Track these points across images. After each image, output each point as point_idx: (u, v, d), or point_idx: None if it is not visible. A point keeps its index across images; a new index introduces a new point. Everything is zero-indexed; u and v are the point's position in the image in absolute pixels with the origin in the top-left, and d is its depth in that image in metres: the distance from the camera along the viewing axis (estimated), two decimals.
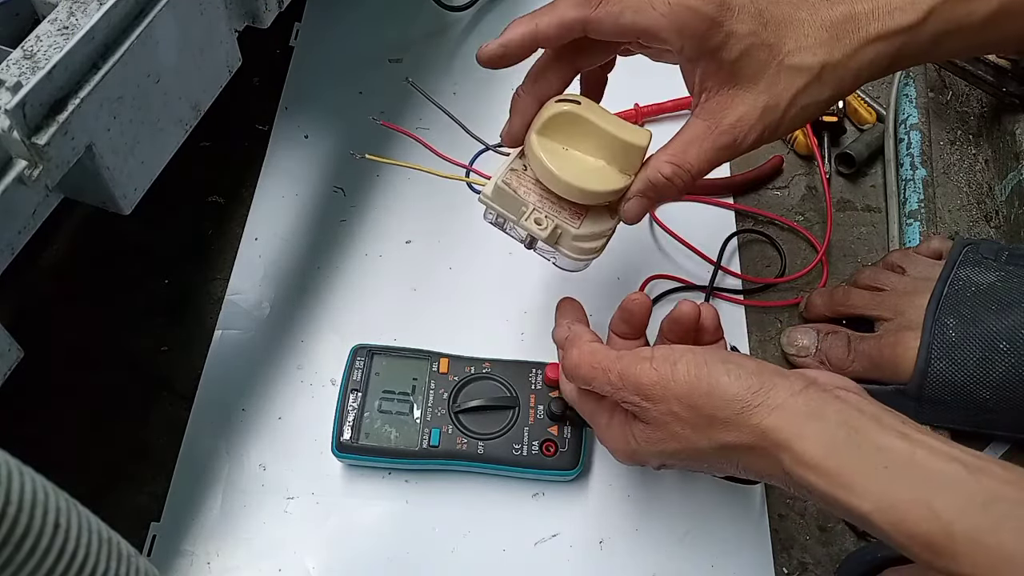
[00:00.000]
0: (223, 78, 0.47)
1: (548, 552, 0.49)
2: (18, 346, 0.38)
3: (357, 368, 0.51)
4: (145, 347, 0.55)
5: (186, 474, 0.51)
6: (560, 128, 0.44)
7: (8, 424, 0.49)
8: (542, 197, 0.45)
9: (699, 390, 0.37)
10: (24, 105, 0.34)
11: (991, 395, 0.48)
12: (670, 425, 0.39)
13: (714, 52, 0.40)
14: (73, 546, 0.24)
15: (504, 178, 0.45)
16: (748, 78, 0.41)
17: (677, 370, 0.38)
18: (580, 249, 0.46)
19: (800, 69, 0.40)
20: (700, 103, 0.42)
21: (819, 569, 0.50)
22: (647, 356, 0.39)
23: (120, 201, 0.41)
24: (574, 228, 0.45)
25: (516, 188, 0.45)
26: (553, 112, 0.44)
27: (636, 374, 0.39)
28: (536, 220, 0.44)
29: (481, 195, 0.46)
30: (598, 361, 0.41)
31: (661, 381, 0.38)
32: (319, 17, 0.71)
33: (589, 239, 0.45)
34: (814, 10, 0.41)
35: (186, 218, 0.61)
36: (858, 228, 0.64)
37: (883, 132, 0.67)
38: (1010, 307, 0.48)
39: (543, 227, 0.44)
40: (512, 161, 0.46)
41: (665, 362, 0.38)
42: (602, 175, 0.44)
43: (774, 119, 0.41)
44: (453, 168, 0.55)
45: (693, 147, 0.42)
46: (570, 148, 0.44)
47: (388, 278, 0.59)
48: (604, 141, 0.44)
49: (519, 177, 0.45)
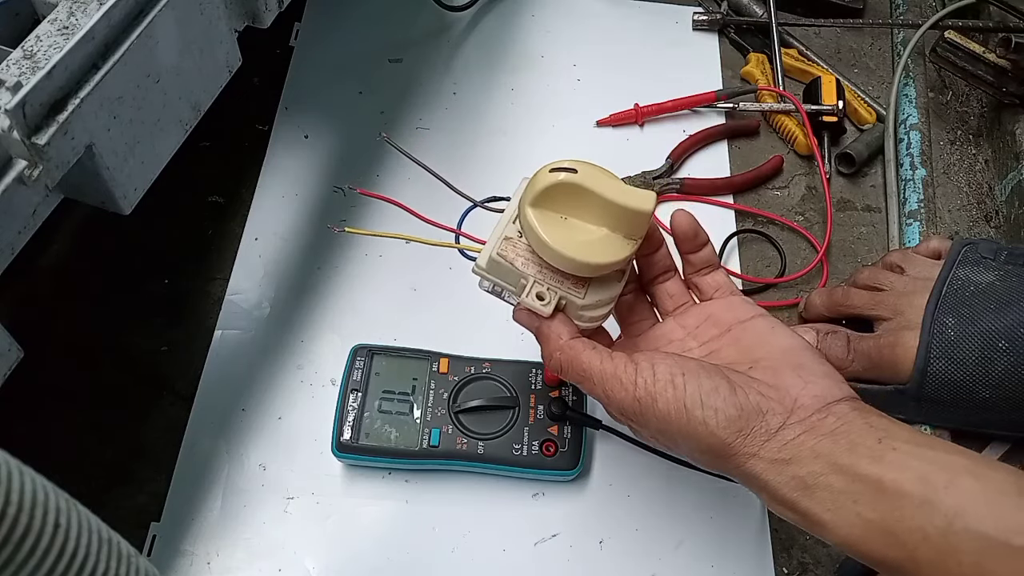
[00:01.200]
0: (223, 78, 0.47)
1: (548, 552, 0.49)
2: (18, 346, 0.38)
3: (357, 368, 0.51)
4: (145, 347, 0.55)
5: (186, 474, 0.51)
6: (556, 198, 0.41)
7: (8, 424, 0.49)
8: (542, 267, 0.42)
9: (680, 430, 0.38)
10: (24, 105, 0.34)
11: (991, 394, 0.48)
12: (655, 437, 0.41)
13: None
14: (73, 546, 0.24)
15: (499, 249, 0.42)
16: None
17: (657, 407, 0.38)
18: (586, 318, 0.43)
19: None
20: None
21: (819, 569, 0.50)
22: (631, 380, 0.39)
23: (120, 201, 0.41)
24: (579, 299, 0.42)
25: (513, 260, 0.42)
26: (548, 184, 0.40)
27: (619, 399, 0.39)
28: (539, 295, 0.41)
29: (475, 267, 0.43)
30: (582, 368, 0.41)
31: (642, 411, 0.39)
32: (319, 17, 0.71)
33: (596, 307, 0.43)
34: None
35: (186, 218, 0.61)
36: (858, 228, 0.65)
37: (883, 132, 0.67)
38: (1009, 306, 0.48)
39: (546, 302, 0.41)
40: (505, 227, 0.42)
41: (646, 394, 0.38)
42: (605, 245, 0.41)
43: None
44: (441, 233, 0.53)
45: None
46: (569, 217, 0.41)
47: (388, 278, 0.59)
48: (607, 210, 0.41)
49: (515, 246, 0.42)
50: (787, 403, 0.37)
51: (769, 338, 0.42)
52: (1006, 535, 0.32)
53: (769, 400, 0.37)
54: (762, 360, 0.40)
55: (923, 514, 0.33)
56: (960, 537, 0.32)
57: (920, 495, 0.33)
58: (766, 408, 0.37)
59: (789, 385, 0.38)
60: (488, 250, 0.42)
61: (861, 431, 0.36)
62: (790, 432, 0.36)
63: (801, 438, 0.36)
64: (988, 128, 0.70)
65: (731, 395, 0.37)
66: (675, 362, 0.39)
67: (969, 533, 0.32)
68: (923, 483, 0.34)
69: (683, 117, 0.68)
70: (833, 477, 0.35)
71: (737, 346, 0.42)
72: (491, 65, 0.70)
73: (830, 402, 0.37)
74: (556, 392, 0.51)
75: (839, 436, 0.36)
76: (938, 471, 0.34)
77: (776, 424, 0.37)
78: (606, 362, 0.40)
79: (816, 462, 0.35)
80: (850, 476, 0.35)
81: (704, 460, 0.39)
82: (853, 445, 0.35)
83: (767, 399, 0.37)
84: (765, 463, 0.36)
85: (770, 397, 0.37)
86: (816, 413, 0.37)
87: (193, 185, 0.62)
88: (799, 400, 0.37)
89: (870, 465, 0.35)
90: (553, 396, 0.51)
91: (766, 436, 0.37)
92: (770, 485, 0.36)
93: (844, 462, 0.35)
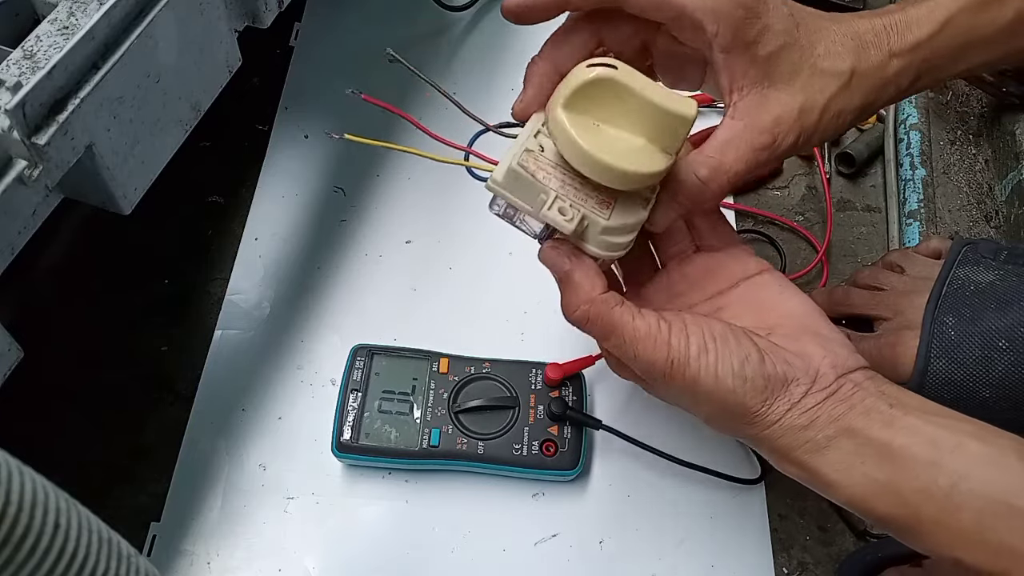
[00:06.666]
0: (223, 78, 0.47)
1: (548, 552, 0.49)
2: (18, 346, 0.38)
3: (357, 368, 0.51)
4: (145, 347, 0.55)
5: (186, 474, 0.51)
6: (592, 99, 0.36)
7: (8, 424, 0.49)
8: (564, 183, 0.38)
9: (707, 395, 0.38)
10: (24, 105, 0.34)
11: (991, 394, 0.48)
12: (669, 397, 0.41)
13: (749, 45, 0.39)
14: (73, 546, 0.24)
15: (520, 160, 0.37)
16: (783, 77, 0.39)
17: (688, 371, 0.38)
18: (609, 244, 0.39)
19: (832, 74, 0.40)
20: (733, 102, 0.40)
21: (819, 569, 0.50)
22: (665, 342, 0.38)
23: (120, 201, 0.41)
24: (603, 219, 0.38)
25: (535, 172, 0.37)
26: (585, 79, 0.36)
27: (651, 360, 0.38)
28: (560, 210, 0.37)
29: (490, 181, 0.38)
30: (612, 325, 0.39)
31: (672, 374, 0.38)
32: (319, 17, 0.71)
33: (619, 232, 0.39)
34: (837, 21, 0.41)
35: (186, 218, 0.61)
36: (858, 228, 0.65)
37: (883, 132, 0.67)
38: (1009, 305, 0.48)
39: (569, 218, 0.37)
40: (526, 140, 0.38)
41: (680, 357, 0.38)
42: (643, 155, 0.37)
43: (811, 122, 0.40)
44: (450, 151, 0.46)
45: (731, 148, 0.40)
46: (602, 124, 0.37)
47: (388, 278, 0.59)
48: (645, 113, 0.36)
49: (536, 159, 0.38)
50: (811, 372, 0.38)
51: (780, 301, 0.42)
52: (1007, 496, 0.33)
53: (795, 369, 0.38)
54: (779, 327, 0.40)
55: (929, 475, 0.34)
56: (964, 497, 0.34)
57: (927, 458, 0.35)
58: (791, 377, 0.37)
59: (811, 353, 0.38)
60: (507, 161, 0.38)
61: (874, 398, 0.37)
62: (811, 400, 0.37)
63: (821, 406, 0.37)
64: (988, 128, 0.70)
65: (760, 364, 0.37)
66: (706, 326, 0.39)
67: (973, 494, 0.34)
68: (931, 447, 0.35)
69: None
70: (844, 440, 0.36)
71: (746, 305, 0.42)
72: (491, 65, 0.70)
73: (847, 371, 0.38)
74: (556, 392, 0.51)
75: (855, 402, 0.37)
76: (946, 436, 0.35)
77: (799, 393, 0.37)
78: (639, 320, 0.38)
79: (831, 427, 0.36)
80: (861, 439, 0.36)
81: (718, 423, 0.40)
82: (867, 410, 0.36)
83: (792, 368, 0.38)
84: (784, 429, 0.37)
85: (795, 366, 0.38)
86: (835, 382, 0.37)
87: (193, 185, 0.62)
88: (821, 369, 0.38)
89: (881, 430, 0.36)
90: (553, 396, 0.51)
91: (789, 404, 0.37)
92: (783, 447, 0.37)
93: (857, 426, 0.36)
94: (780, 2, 0.40)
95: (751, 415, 0.37)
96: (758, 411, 0.37)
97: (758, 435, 0.38)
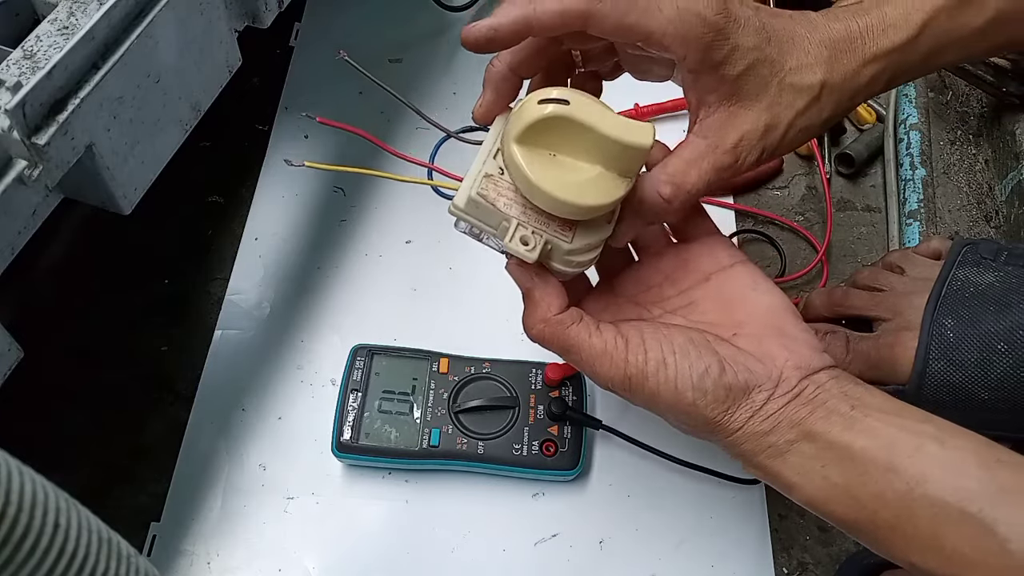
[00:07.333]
0: (223, 78, 0.47)
1: (548, 552, 0.50)
2: (18, 346, 0.38)
3: (357, 368, 0.51)
4: (145, 347, 0.55)
5: (186, 474, 0.51)
6: (546, 132, 0.36)
7: (8, 424, 0.49)
8: (526, 207, 0.37)
9: (669, 407, 0.38)
10: (24, 105, 0.34)
11: (989, 396, 0.48)
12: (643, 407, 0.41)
13: (717, 66, 0.38)
14: (73, 546, 0.24)
15: (479, 188, 0.37)
16: (750, 95, 0.39)
17: (647, 385, 0.38)
18: (573, 263, 0.39)
19: (801, 88, 0.39)
20: (699, 119, 0.40)
21: (819, 569, 0.50)
22: (622, 359, 0.39)
23: (120, 201, 0.41)
24: (566, 243, 0.38)
25: (495, 200, 0.37)
26: (536, 117, 0.36)
27: (609, 376, 0.39)
28: (523, 239, 0.37)
29: (452, 207, 0.38)
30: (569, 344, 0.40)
31: (632, 387, 0.39)
32: (319, 17, 0.71)
33: (583, 252, 0.39)
34: (812, 27, 0.40)
35: (186, 218, 0.61)
36: (858, 228, 0.65)
37: (883, 132, 0.67)
38: (1008, 307, 0.48)
39: (531, 247, 0.37)
40: (486, 163, 0.38)
41: (637, 372, 0.38)
42: (600, 184, 0.37)
43: (775, 139, 0.40)
44: (413, 169, 0.46)
45: (693, 168, 0.40)
46: (559, 153, 0.37)
47: (388, 278, 0.59)
48: (601, 146, 0.36)
49: (496, 185, 0.37)
50: (773, 376, 0.38)
51: (750, 295, 0.42)
52: (961, 502, 0.33)
53: (756, 376, 0.38)
54: (745, 325, 0.40)
55: (886, 480, 0.35)
56: (919, 503, 0.34)
57: (886, 461, 0.35)
58: (753, 385, 0.38)
59: (775, 356, 0.38)
60: (466, 189, 0.37)
61: (836, 399, 0.37)
62: (774, 405, 0.37)
63: (783, 411, 0.37)
64: (988, 128, 0.70)
65: (720, 375, 0.38)
66: (664, 338, 0.39)
67: (928, 499, 0.34)
68: (890, 450, 0.35)
69: (683, 117, 0.68)
70: (805, 444, 0.36)
71: (718, 300, 0.42)
72: None
73: (810, 372, 0.38)
74: (556, 392, 0.51)
75: (816, 405, 0.37)
76: (906, 438, 0.35)
77: (761, 400, 0.37)
78: (595, 337, 0.39)
79: (792, 431, 0.37)
80: (822, 443, 0.36)
81: (687, 431, 0.40)
82: (828, 413, 0.37)
83: (754, 375, 0.38)
84: (746, 435, 0.38)
85: (757, 372, 0.38)
86: (798, 384, 0.38)
87: (193, 185, 0.62)
88: (784, 372, 0.38)
89: (841, 433, 0.36)
90: (553, 396, 0.51)
91: (751, 412, 0.37)
92: (747, 452, 0.38)
93: (817, 429, 0.36)
94: (752, 14, 0.39)
95: (713, 424, 0.38)
96: (720, 420, 0.38)
97: (722, 441, 0.38)
